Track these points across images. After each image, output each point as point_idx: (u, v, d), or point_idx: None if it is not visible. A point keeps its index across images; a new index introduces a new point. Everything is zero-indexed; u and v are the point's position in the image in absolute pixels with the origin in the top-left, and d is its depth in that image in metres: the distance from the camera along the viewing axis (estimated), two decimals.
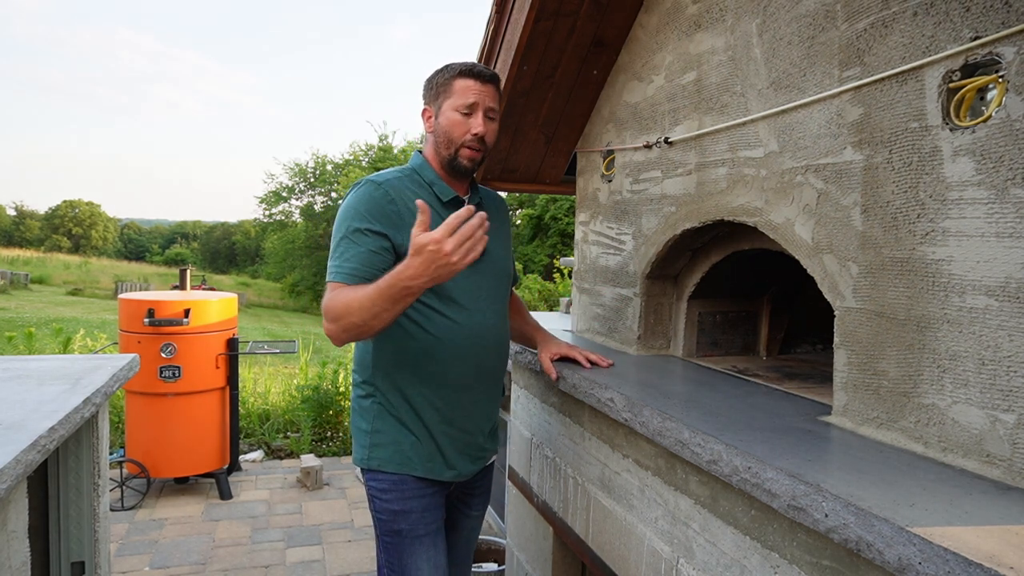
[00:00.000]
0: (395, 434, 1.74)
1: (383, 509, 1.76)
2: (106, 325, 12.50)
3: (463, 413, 1.78)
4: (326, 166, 30.95)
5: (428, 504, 1.77)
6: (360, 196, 1.67)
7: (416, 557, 1.75)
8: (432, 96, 1.76)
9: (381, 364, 1.74)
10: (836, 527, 0.98)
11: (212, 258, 60.81)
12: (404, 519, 1.74)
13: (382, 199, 1.66)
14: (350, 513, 4.18)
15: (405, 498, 1.74)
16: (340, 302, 1.52)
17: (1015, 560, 0.80)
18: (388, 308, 1.47)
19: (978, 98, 1.14)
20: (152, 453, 4.19)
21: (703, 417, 1.44)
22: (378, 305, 1.46)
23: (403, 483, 1.74)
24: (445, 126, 1.72)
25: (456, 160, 1.73)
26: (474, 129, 1.70)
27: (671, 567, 1.53)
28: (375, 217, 1.64)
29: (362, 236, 1.62)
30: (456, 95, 1.70)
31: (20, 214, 63.67)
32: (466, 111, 1.70)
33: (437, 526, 1.79)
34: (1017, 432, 1.06)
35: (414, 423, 1.74)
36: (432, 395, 1.73)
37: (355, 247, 1.61)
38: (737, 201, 1.72)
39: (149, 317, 4.07)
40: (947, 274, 1.17)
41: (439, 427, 1.75)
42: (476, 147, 1.72)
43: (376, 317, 1.48)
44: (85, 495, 1.96)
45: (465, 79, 1.70)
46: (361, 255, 1.61)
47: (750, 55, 1.67)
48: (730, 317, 2.22)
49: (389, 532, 1.76)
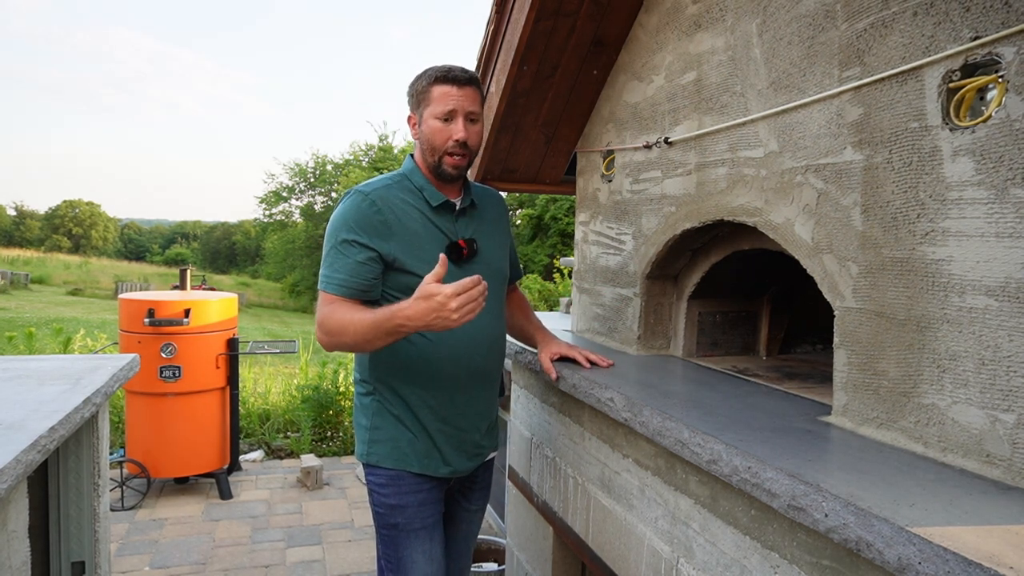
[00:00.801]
0: (393, 431, 1.78)
1: (381, 503, 1.80)
2: (106, 325, 12.50)
3: (458, 412, 1.81)
4: (326, 166, 30.95)
5: (425, 499, 1.80)
6: (348, 207, 1.71)
7: (411, 550, 1.79)
8: (414, 103, 1.78)
9: (378, 364, 1.78)
10: (836, 527, 0.98)
11: (212, 258, 60.82)
12: (400, 513, 1.78)
13: (368, 210, 1.69)
14: (350, 513, 4.18)
15: (402, 493, 1.78)
16: (336, 321, 1.62)
17: (1015, 560, 0.80)
18: (380, 339, 1.59)
19: (978, 98, 1.14)
20: (152, 453, 4.19)
21: (703, 417, 1.44)
22: (371, 334, 1.58)
23: (400, 478, 1.78)
24: (427, 134, 1.73)
25: (440, 167, 1.75)
26: (455, 135, 1.70)
27: (671, 567, 1.53)
28: (362, 228, 1.68)
29: (349, 247, 1.68)
30: (435, 102, 1.71)
31: (20, 214, 63.66)
32: (446, 118, 1.70)
33: (434, 520, 1.83)
34: (1017, 432, 1.06)
35: (410, 421, 1.77)
36: (426, 395, 1.76)
37: (343, 258, 1.68)
38: (737, 201, 1.72)
39: (149, 317, 4.07)
40: (947, 274, 1.17)
41: (434, 425, 1.78)
42: (459, 152, 1.72)
43: (368, 343, 1.62)
44: (85, 495, 1.96)
45: (442, 85, 1.70)
46: (349, 266, 1.67)
47: (750, 55, 1.67)
48: (730, 317, 2.22)
49: (386, 525, 1.80)
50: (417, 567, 1.79)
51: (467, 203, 1.84)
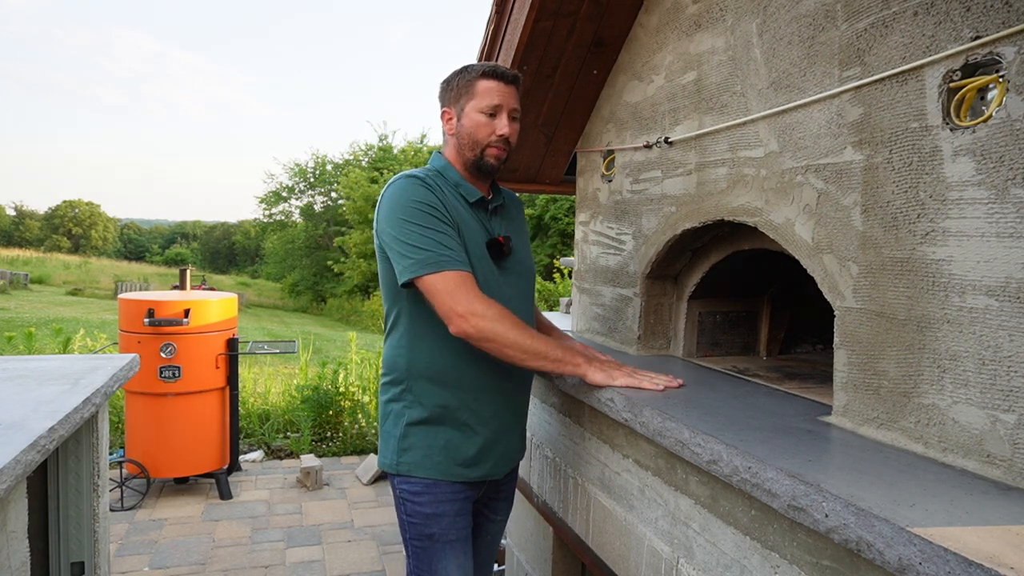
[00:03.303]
0: (428, 437, 1.71)
1: (415, 512, 1.73)
2: (106, 325, 12.50)
3: (496, 414, 1.76)
4: (326, 166, 30.96)
5: (460, 509, 1.75)
6: (407, 189, 1.66)
7: (447, 563, 1.73)
8: (452, 98, 1.76)
9: (417, 366, 1.71)
10: (836, 527, 0.98)
11: (212, 258, 60.82)
12: (437, 523, 1.72)
13: (429, 193, 1.66)
14: (350, 513, 4.17)
15: (438, 501, 1.72)
16: (515, 332, 1.58)
17: (1015, 560, 0.80)
18: (538, 368, 1.64)
19: (978, 98, 1.14)
20: (152, 453, 4.19)
21: (703, 417, 1.44)
22: (539, 360, 1.61)
23: (436, 486, 1.71)
24: (469, 127, 1.72)
25: (483, 160, 1.73)
26: (500, 130, 1.71)
27: (671, 567, 1.53)
28: (434, 206, 1.64)
29: (438, 222, 1.63)
30: (480, 96, 1.70)
31: (20, 214, 63.62)
32: (491, 112, 1.70)
33: (467, 533, 1.77)
34: (1017, 432, 1.06)
35: (449, 426, 1.71)
36: (468, 397, 1.71)
37: (439, 233, 1.61)
38: (737, 201, 1.72)
39: (149, 317, 4.07)
40: (947, 274, 1.17)
41: (474, 429, 1.73)
42: (502, 147, 1.73)
43: (522, 361, 1.60)
44: (85, 495, 1.96)
45: (488, 80, 1.71)
46: (452, 239, 1.63)
47: (750, 55, 1.67)
48: (730, 317, 2.22)
49: (420, 536, 1.73)
50: None
51: (499, 202, 1.83)
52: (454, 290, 1.56)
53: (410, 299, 1.69)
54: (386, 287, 1.75)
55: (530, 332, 1.61)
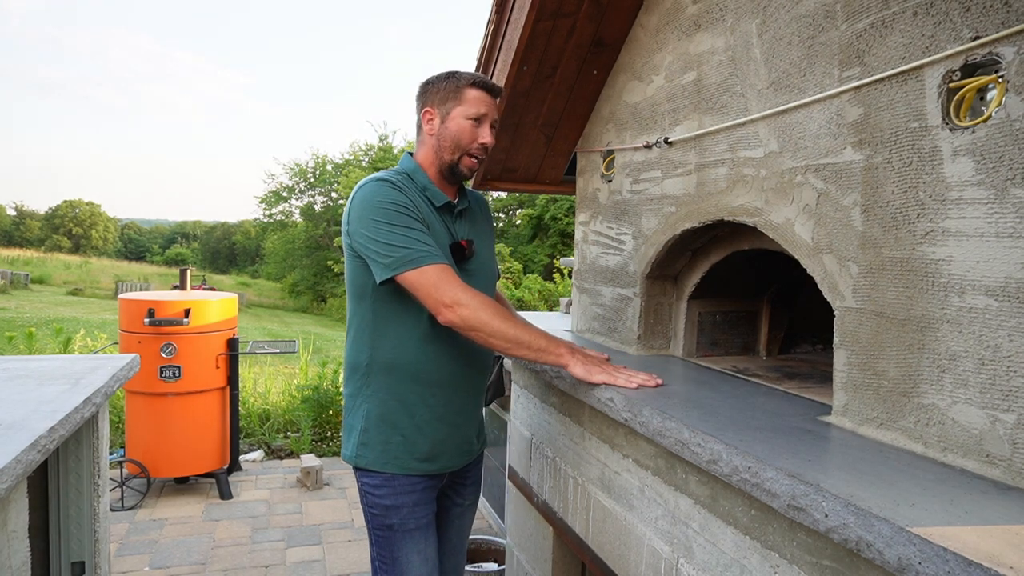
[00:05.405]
0: (385, 432, 1.78)
1: (375, 504, 1.81)
2: (106, 325, 12.50)
3: (454, 409, 1.84)
4: (326, 166, 30.94)
5: (419, 499, 1.81)
6: (378, 192, 1.70)
7: (407, 550, 1.80)
8: (437, 100, 1.80)
9: (376, 363, 1.78)
10: (836, 527, 0.98)
11: (212, 258, 60.80)
12: (396, 513, 1.79)
13: (400, 196, 1.71)
14: (350, 513, 4.18)
15: (396, 493, 1.79)
16: (498, 320, 1.63)
17: (1015, 560, 0.80)
18: (521, 356, 1.69)
19: (978, 98, 1.14)
20: (152, 453, 4.19)
21: (703, 417, 1.44)
22: (523, 350, 1.66)
23: (394, 479, 1.79)
24: (454, 131, 1.77)
25: (458, 166, 1.80)
26: (482, 139, 1.79)
27: (671, 567, 1.53)
28: (406, 207, 1.69)
29: (412, 220, 1.68)
30: (468, 103, 1.77)
31: (20, 214, 63.61)
32: (476, 119, 1.78)
33: (428, 520, 1.84)
34: (1017, 432, 1.06)
35: (406, 421, 1.78)
36: (425, 392, 1.78)
37: (413, 231, 1.66)
38: (737, 201, 1.72)
39: (149, 317, 4.07)
40: (947, 274, 1.17)
41: (431, 424, 1.80)
42: (479, 156, 1.81)
43: (506, 349, 1.66)
44: (85, 495, 1.96)
45: (478, 90, 1.78)
46: (427, 235, 1.68)
47: (750, 55, 1.67)
48: (730, 317, 2.22)
49: (381, 527, 1.81)
50: (413, 567, 1.80)
51: (464, 205, 1.88)
52: (437, 282, 1.62)
53: (377, 297, 1.75)
54: (352, 286, 1.81)
55: (514, 321, 1.68)
